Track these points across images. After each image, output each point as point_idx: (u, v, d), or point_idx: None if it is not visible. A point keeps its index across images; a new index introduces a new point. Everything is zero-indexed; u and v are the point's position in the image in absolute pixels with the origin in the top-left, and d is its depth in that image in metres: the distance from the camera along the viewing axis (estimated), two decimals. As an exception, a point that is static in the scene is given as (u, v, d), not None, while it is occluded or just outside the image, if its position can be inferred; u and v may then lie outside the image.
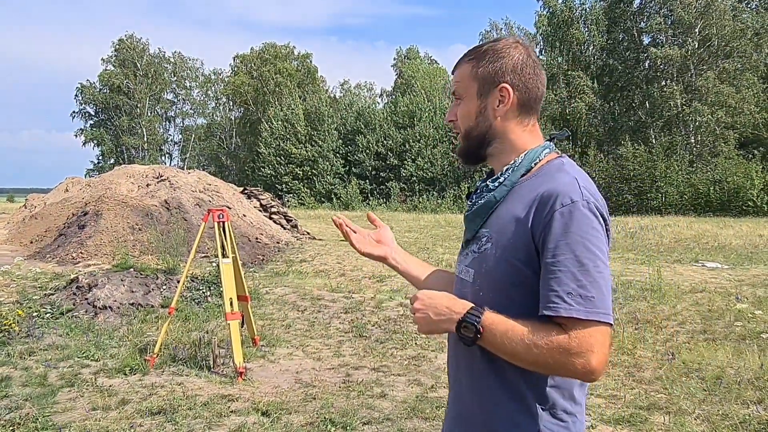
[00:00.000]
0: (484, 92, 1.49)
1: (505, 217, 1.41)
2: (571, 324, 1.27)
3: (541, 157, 1.47)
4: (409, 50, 60.92)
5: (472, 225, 1.50)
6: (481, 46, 1.52)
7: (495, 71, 1.48)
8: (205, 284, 8.38)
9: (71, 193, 15.36)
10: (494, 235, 1.42)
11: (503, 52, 1.49)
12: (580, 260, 1.29)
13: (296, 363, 5.85)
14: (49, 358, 5.68)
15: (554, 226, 1.31)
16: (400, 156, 38.41)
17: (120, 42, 55.08)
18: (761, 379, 4.95)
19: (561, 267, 1.29)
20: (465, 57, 1.53)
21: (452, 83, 1.56)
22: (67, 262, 10.38)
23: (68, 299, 7.49)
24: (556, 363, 1.27)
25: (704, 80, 32.02)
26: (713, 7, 32.01)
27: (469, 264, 1.48)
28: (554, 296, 1.29)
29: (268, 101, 50.00)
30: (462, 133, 1.54)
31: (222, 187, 15.16)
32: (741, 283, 8.79)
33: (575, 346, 1.26)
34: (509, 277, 1.38)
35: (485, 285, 1.42)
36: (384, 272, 10.36)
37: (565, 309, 1.27)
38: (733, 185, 28.00)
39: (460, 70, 1.53)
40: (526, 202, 1.38)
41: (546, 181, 1.39)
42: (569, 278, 1.28)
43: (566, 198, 1.32)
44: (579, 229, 1.30)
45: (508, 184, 1.45)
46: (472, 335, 1.34)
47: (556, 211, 1.32)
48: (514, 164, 1.47)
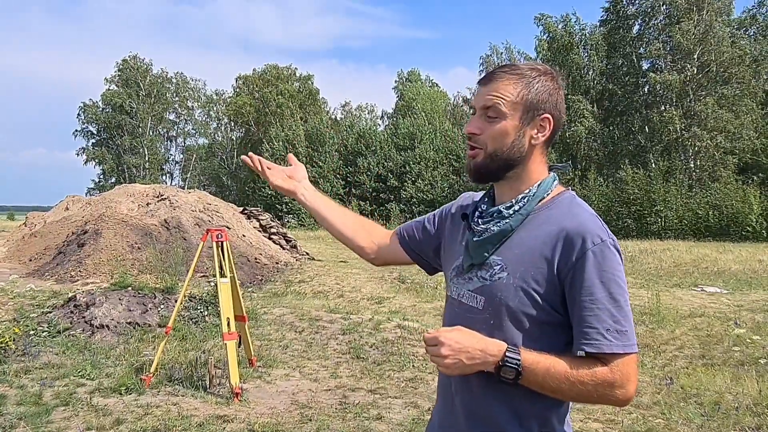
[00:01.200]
0: (527, 118, 1.47)
1: (523, 247, 1.43)
2: (612, 358, 1.33)
3: (552, 188, 1.50)
4: (410, 73, 61.39)
5: (481, 251, 1.48)
6: (524, 68, 1.49)
7: (542, 99, 1.47)
8: (202, 304, 8.36)
9: (71, 211, 15.38)
10: (510, 264, 1.43)
11: (548, 80, 1.48)
12: (614, 297, 1.35)
13: (293, 384, 5.82)
14: (44, 377, 5.65)
15: (588, 266, 1.35)
16: (401, 177, 38.50)
17: (123, 62, 55.56)
18: (760, 405, 4.92)
19: (598, 305, 1.34)
20: (509, 74, 1.48)
21: (487, 97, 1.47)
22: (66, 280, 10.36)
23: (65, 318, 7.47)
24: (600, 395, 1.35)
25: (703, 106, 32.22)
26: (711, 33, 32.33)
27: (477, 290, 1.48)
28: (595, 333, 1.34)
29: (270, 122, 50.25)
30: (487, 151, 1.48)
31: (222, 207, 15.19)
32: (740, 308, 8.77)
33: (618, 378, 1.33)
34: (525, 309, 1.40)
35: (500, 314, 1.43)
36: (383, 294, 10.34)
37: (607, 345, 1.33)
38: (732, 210, 28.01)
39: (503, 87, 1.46)
40: (546, 236, 1.41)
41: (565, 215, 1.42)
42: (606, 315, 1.34)
43: (596, 237, 1.37)
44: (610, 267, 1.36)
45: (524, 213, 1.46)
46: (512, 377, 1.36)
47: (589, 250, 1.36)
48: (529, 193, 1.48)
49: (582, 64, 38.50)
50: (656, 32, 35.73)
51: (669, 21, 34.55)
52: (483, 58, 47.79)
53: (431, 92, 56.45)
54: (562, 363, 1.34)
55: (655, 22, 36.12)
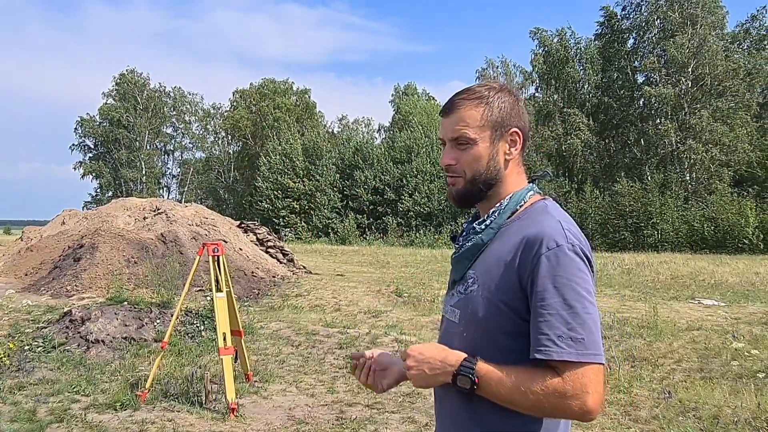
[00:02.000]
0: (496, 137, 1.50)
1: (491, 259, 1.44)
2: (564, 367, 1.29)
3: (525, 199, 1.50)
4: (407, 86, 61.71)
5: (459, 266, 1.52)
6: (480, 89, 1.52)
7: (506, 115, 1.50)
8: (198, 318, 8.33)
9: (68, 225, 15.34)
10: (480, 276, 1.44)
11: (505, 95, 1.51)
12: (568, 303, 1.31)
13: (289, 399, 5.78)
14: (39, 393, 5.61)
15: (541, 270, 1.33)
16: (398, 191, 38.55)
17: (121, 76, 55.73)
18: (758, 419, 4.90)
19: (550, 310, 1.31)
20: (467, 100, 1.51)
21: (455, 128, 1.50)
22: (62, 294, 10.31)
23: (61, 333, 7.43)
24: (553, 407, 1.30)
25: (698, 119, 32.41)
26: (705, 47, 32.58)
27: (455, 304, 1.50)
28: (545, 339, 1.31)
29: (267, 135, 50.35)
30: (467, 178, 1.51)
31: (219, 221, 15.17)
32: (738, 321, 8.76)
33: (570, 389, 1.28)
34: (494, 319, 1.40)
35: (470, 326, 1.44)
36: (380, 307, 10.31)
37: (557, 352, 1.29)
38: (727, 223, 28.09)
39: (465, 114, 1.49)
40: (512, 245, 1.41)
41: (531, 224, 1.42)
42: (559, 321, 1.30)
43: (551, 242, 1.35)
44: (566, 272, 1.33)
45: (495, 226, 1.48)
46: (468, 386, 1.35)
47: (542, 255, 1.34)
48: (500, 207, 1.50)
49: (577, 78, 38.73)
50: (651, 46, 36.01)
51: (663, 35, 34.83)
52: (479, 72, 48.15)
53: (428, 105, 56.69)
54: (517, 373, 1.32)
55: (649, 35, 36.42)
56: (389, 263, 19.87)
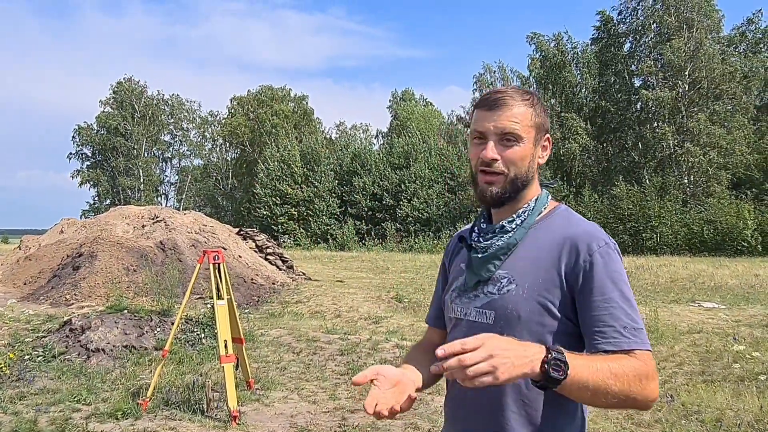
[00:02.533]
0: (537, 139, 1.52)
1: (528, 258, 1.46)
2: (634, 353, 1.33)
3: (547, 202, 1.55)
4: (404, 92, 61.81)
5: (487, 266, 1.49)
6: (525, 92, 1.53)
7: (545, 121, 1.54)
8: (199, 326, 8.31)
9: (66, 234, 15.32)
10: (517, 276, 1.44)
11: (541, 103, 1.55)
12: (626, 296, 1.38)
13: (291, 406, 5.76)
14: (39, 403, 5.59)
15: (597, 267, 1.38)
16: (396, 196, 38.55)
17: (118, 84, 55.73)
18: (761, 422, 4.89)
19: (612, 303, 1.36)
20: (519, 99, 1.50)
21: (508, 123, 1.46)
22: (61, 303, 10.29)
23: (61, 342, 7.41)
24: (639, 390, 1.29)
25: (695, 122, 32.47)
26: (702, 50, 32.69)
27: (485, 306, 1.47)
28: (612, 331, 1.34)
29: (265, 142, 50.36)
30: (509, 177, 1.48)
31: (218, 228, 15.16)
32: (738, 324, 8.76)
33: (651, 370, 1.32)
34: (538, 318, 1.41)
35: (511, 327, 1.41)
36: (380, 313, 10.30)
37: (626, 342, 1.33)
38: (726, 225, 28.12)
39: (519, 112, 1.48)
40: (551, 244, 1.45)
41: (566, 225, 1.48)
42: (622, 313, 1.35)
43: (600, 240, 1.42)
44: (617, 267, 1.40)
45: (526, 226, 1.50)
46: (563, 374, 1.22)
47: (596, 252, 1.40)
48: (528, 207, 1.52)
49: (574, 82, 38.82)
50: (647, 50, 36.11)
51: (660, 39, 34.94)
52: (476, 77, 48.12)
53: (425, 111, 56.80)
54: (599, 357, 1.30)
55: (645, 39, 36.53)
56: (389, 269, 19.86)
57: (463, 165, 37.68)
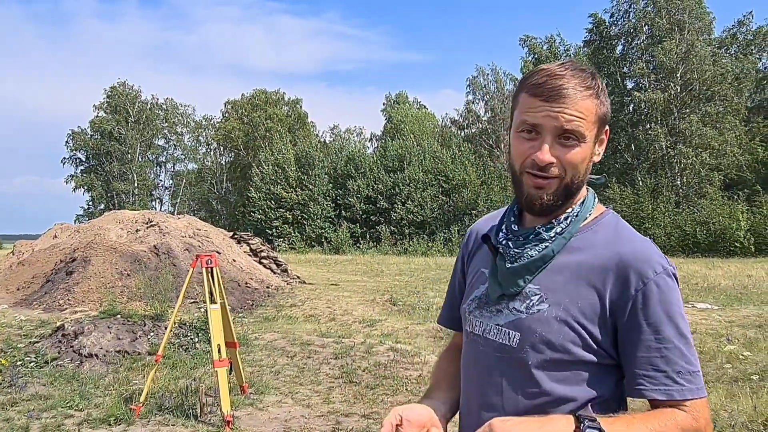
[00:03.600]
0: (597, 135, 1.26)
1: (565, 274, 1.23)
2: (685, 404, 1.16)
3: (593, 206, 1.32)
4: (398, 95, 61.88)
5: (515, 279, 1.26)
6: (587, 76, 1.24)
7: (608, 109, 1.27)
8: (193, 330, 8.28)
9: (60, 239, 15.26)
10: (551, 294, 1.23)
11: (603, 85, 1.27)
12: (683, 333, 1.18)
13: (285, 410, 5.75)
14: (32, 409, 5.56)
15: (652, 299, 1.17)
16: (390, 199, 38.58)
17: (112, 89, 55.61)
18: (755, 422, 4.91)
19: (667, 344, 1.16)
20: (580, 87, 1.22)
21: (569, 118, 1.20)
22: (54, 308, 10.24)
23: (53, 347, 7.37)
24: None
25: (687, 123, 32.66)
26: (693, 52, 32.88)
27: (509, 325, 1.26)
28: (664, 377, 1.16)
29: (259, 146, 50.36)
30: (565, 180, 1.24)
31: (212, 232, 15.13)
32: (731, 324, 8.79)
33: (702, 426, 1.16)
34: (571, 346, 1.20)
35: (539, 353, 1.22)
36: (374, 316, 10.29)
37: (679, 391, 1.15)
38: (719, 226, 28.26)
39: (583, 105, 1.21)
40: (594, 263, 1.22)
41: (615, 239, 1.24)
42: (677, 355, 1.16)
43: (658, 265, 1.20)
44: (675, 299, 1.19)
45: (567, 236, 1.26)
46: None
47: (651, 281, 1.18)
48: (572, 213, 1.28)
49: (567, 85, 38.97)
50: (639, 52, 36.32)
51: (651, 41, 35.15)
52: (470, 80, 48.24)
53: (419, 114, 56.89)
54: (638, 418, 1.14)
55: (637, 42, 36.73)
56: (383, 272, 19.85)
57: (457, 168, 37.75)
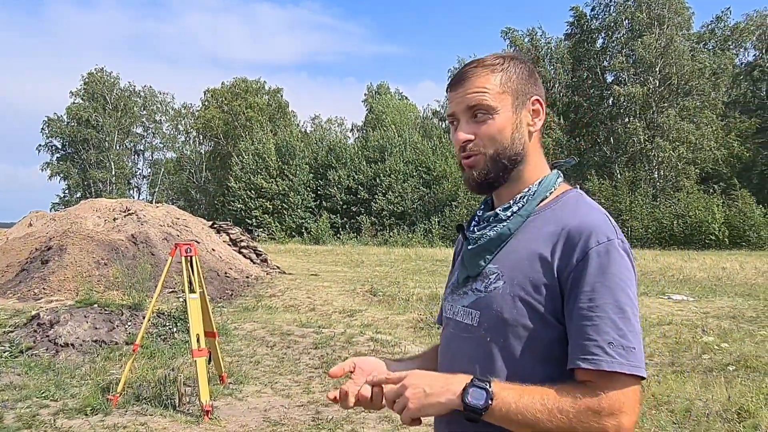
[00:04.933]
0: (518, 105, 1.30)
1: (520, 252, 1.26)
2: (605, 379, 1.13)
3: (555, 185, 1.33)
4: (379, 86, 61.68)
5: (476, 260, 1.31)
6: (492, 58, 1.33)
7: (525, 82, 1.32)
8: (171, 320, 8.20)
9: (35, 227, 15.01)
10: (506, 272, 1.25)
11: (520, 63, 1.34)
12: (620, 306, 1.15)
13: (264, 400, 5.73)
14: (5, 399, 5.47)
15: (590, 267, 1.17)
16: (371, 190, 38.56)
17: (90, 75, 54.68)
18: (729, 411, 4.99)
19: (600, 313, 1.15)
20: (481, 68, 1.31)
21: (469, 96, 1.29)
22: (29, 298, 10.08)
23: (28, 337, 7.25)
24: (585, 428, 1.12)
25: (665, 117, 33.05)
26: (672, 47, 33.23)
27: (472, 305, 1.30)
28: (593, 346, 1.14)
29: (239, 135, 49.94)
30: (489, 155, 1.29)
31: (191, 222, 14.99)
32: (706, 315, 8.93)
33: (607, 406, 1.11)
34: (525, 321, 1.21)
35: (496, 330, 1.24)
36: (355, 307, 10.28)
37: (607, 362, 1.12)
38: (695, 219, 28.70)
39: (481, 80, 1.29)
40: (546, 237, 1.24)
41: (569, 214, 1.25)
42: (609, 326, 1.14)
43: (602, 236, 1.20)
44: (618, 271, 1.18)
45: (524, 214, 1.29)
46: (482, 403, 1.14)
47: (592, 249, 1.18)
48: (529, 192, 1.30)
49: (548, 77, 39.16)
50: (619, 46, 36.63)
51: (631, 35, 35.45)
52: (451, 72, 48.24)
53: (400, 105, 56.79)
54: (539, 389, 1.14)
55: (618, 36, 37.04)
56: (363, 262, 19.85)
57: (438, 159, 37.82)
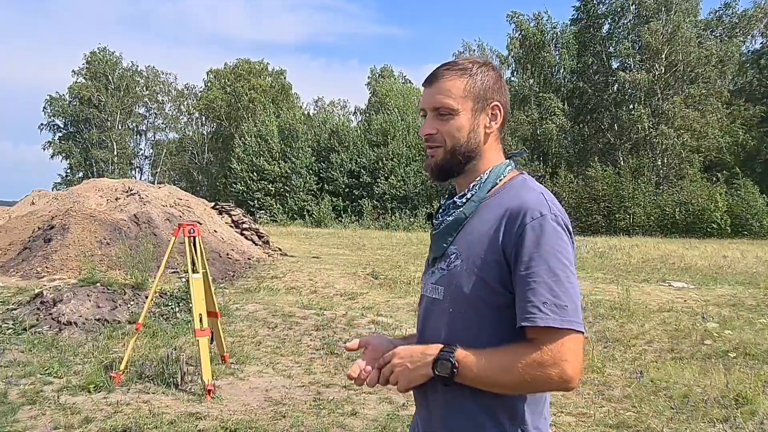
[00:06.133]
0: (478, 109, 1.50)
1: (474, 233, 1.44)
2: (545, 335, 1.30)
3: (504, 173, 1.50)
4: (383, 69, 61.32)
5: (440, 242, 1.50)
6: (464, 62, 1.52)
7: (488, 88, 1.50)
8: (174, 300, 8.24)
9: (37, 206, 15.04)
10: (463, 251, 1.43)
11: (489, 70, 1.52)
12: (553, 271, 1.33)
13: (266, 380, 5.77)
14: (9, 375, 5.51)
15: (526, 239, 1.34)
16: (374, 174, 38.50)
17: (92, 54, 54.43)
18: (727, 398, 5.02)
19: (536, 278, 1.32)
20: (451, 71, 1.51)
21: (434, 97, 1.50)
22: (32, 276, 10.13)
23: (32, 314, 7.30)
24: (534, 379, 1.30)
25: (671, 104, 32.87)
26: (679, 34, 32.95)
27: (437, 281, 1.49)
28: (530, 306, 1.31)
29: (242, 117, 49.80)
30: (447, 148, 1.49)
31: (193, 202, 15.00)
32: (707, 303, 8.96)
33: (548, 357, 1.29)
34: (480, 293, 1.39)
35: (456, 302, 1.43)
36: (356, 289, 10.32)
37: (542, 318, 1.30)
38: (697, 207, 28.66)
39: (448, 84, 1.49)
40: (494, 218, 1.41)
41: (512, 196, 1.42)
42: (544, 289, 1.31)
43: (536, 212, 1.36)
44: (550, 240, 1.34)
45: (476, 200, 1.48)
46: (448, 372, 1.35)
47: (527, 224, 1.35)
48: (480, 180, 1.49)
49: (553, 63, 38.92)
50: (626, 32, 36.33)
51: (638, 21, 35.16)
52: (456, 55, 47.87)
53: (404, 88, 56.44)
54: (495, 353, 1.34)
55: (624, 21, 36.72)
56: (365, 246, 19.89)
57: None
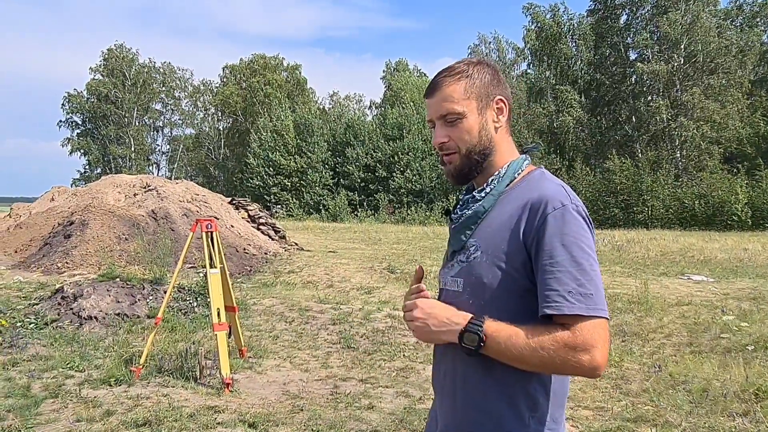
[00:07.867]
0: (482, 107, 1.53)
1: (494, 225, 1.47)
2: (574, 321, 1.32)
3: (522, 167, 1.54)
4: (398, 63, 61.21)
5: (459, 236, 1.53)
6: (459, 65, 1.55)
7: (487, 85, 1.53)
8: (192, 295, 8.32)
9: (57, 202, 15.24)
10: (483, 243, 1.46)
11: (483, 67, 1.55)
12: (576, 260, 1.35)
13: (283, 374, 5.81)
14: (32, 369, 5.61)
15: (548, 229, 1.37)
16: (389, 168, 38.48)
17: (109, 51, 54.93)
18: (746, 392, 4.97)
19: (560, 267, 1.35)
20: (447, 77, 1.53)
21: (438, 106, 1.53)
22: (53, 271, 10.27)
23: (53, 309, 7.41)
24: (564, 361, 1.32)
25: (690, 96, 32.41)
26: (698, 24, 32.47)
27: (457, 274, 1.52)
28: (555, 295, 1.33)
29: (257, 112, 49.98)
30: (462, 153, 1.52)
31: (210, 198, 15.11)
32: (726, 297, 8.85)
33: (580, 342, 1.31)
34: (501, 284, 1.42)
35: (476, 293, 1.45)
36: (372, 284, 10.34)
37: (568, 307, 1.32)
38: (718, 200, 28.26)
39: (448, 90, 1.52)
40: (514, 210, 1.44)
41: (532, 189, 1.45)
42: (569, 278, 1.34)
43: (557, 202, 1.39)
44: (571, 230, 1.37)
45: (495, 193, 1.51)
46: (475, 345, 1.37)
47: (549, 214, 1.38)
48: (499, 175, 1.52)
49: (570, 54, 38.55)
50: (644, 22, 35.84)
51: (656, 11, 34.67)
52: (471, 48, 47.79)
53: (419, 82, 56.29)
54: (524, 330, 1.35)
55: (642, 12, 36.23)
56: (381, 240, 19.90)
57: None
